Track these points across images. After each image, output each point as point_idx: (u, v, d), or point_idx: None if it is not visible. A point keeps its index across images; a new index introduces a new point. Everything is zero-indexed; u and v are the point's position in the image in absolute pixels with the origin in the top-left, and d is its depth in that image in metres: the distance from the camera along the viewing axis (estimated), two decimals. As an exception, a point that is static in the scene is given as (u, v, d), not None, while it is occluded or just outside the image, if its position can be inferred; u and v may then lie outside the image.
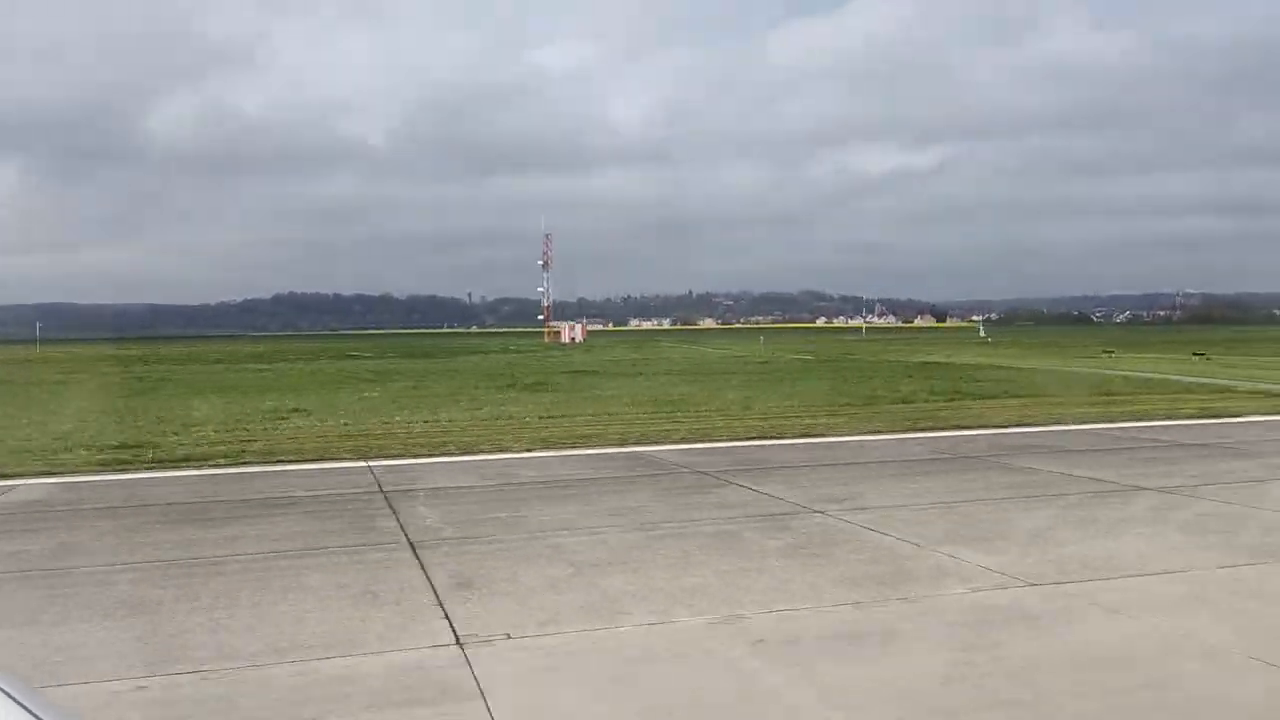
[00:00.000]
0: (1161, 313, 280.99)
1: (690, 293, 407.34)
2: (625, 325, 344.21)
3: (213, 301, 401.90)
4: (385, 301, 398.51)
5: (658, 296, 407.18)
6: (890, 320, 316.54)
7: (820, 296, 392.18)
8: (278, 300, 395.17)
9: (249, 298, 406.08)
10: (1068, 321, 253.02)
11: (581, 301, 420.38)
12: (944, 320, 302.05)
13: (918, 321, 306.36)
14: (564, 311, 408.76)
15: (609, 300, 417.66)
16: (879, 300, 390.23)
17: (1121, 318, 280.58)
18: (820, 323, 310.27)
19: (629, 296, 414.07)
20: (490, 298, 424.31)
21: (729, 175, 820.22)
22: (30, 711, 1.64)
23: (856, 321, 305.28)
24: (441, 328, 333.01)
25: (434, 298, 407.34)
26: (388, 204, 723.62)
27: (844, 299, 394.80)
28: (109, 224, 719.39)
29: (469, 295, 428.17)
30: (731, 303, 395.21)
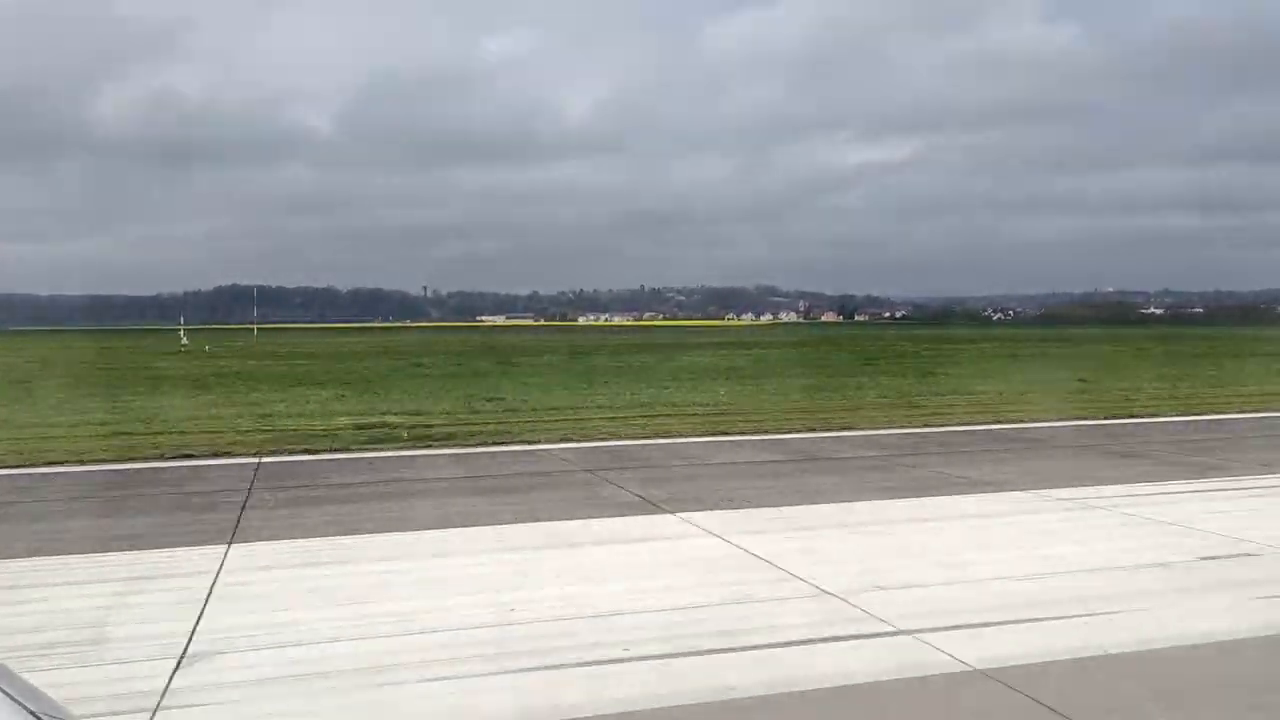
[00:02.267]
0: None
1: (642, 287, 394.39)
2: (557, 320, 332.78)
3: (152, 293, 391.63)
4: (328, 294, 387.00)
5: (609, 291, 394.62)
6: (792, 316, 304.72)
7: (774, 292, 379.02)
8: (219, 292, 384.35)
9: (191, 289, 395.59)
10: (958, 321, 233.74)
11: (534, 295, 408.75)
12: (851, 317, 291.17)
13: (825, 318, 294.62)
14: (513, 304, 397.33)
15: (562, 293, 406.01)
16: (836, 295, 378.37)
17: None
18: (727, 319, 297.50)
19: (580, 290, 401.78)
20: (443, 291, 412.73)
21: (688, 169, 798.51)
22: (22, 705, 1.64)
23: (766, 319, 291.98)
24: (370, 321, 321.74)
25: (378, 290, 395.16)
26: (337, 195, 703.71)
27: (799, 294, 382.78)
28: (51, 214, 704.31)
29: (424, 289, 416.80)
30: (683, 298, 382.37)
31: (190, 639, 6.08)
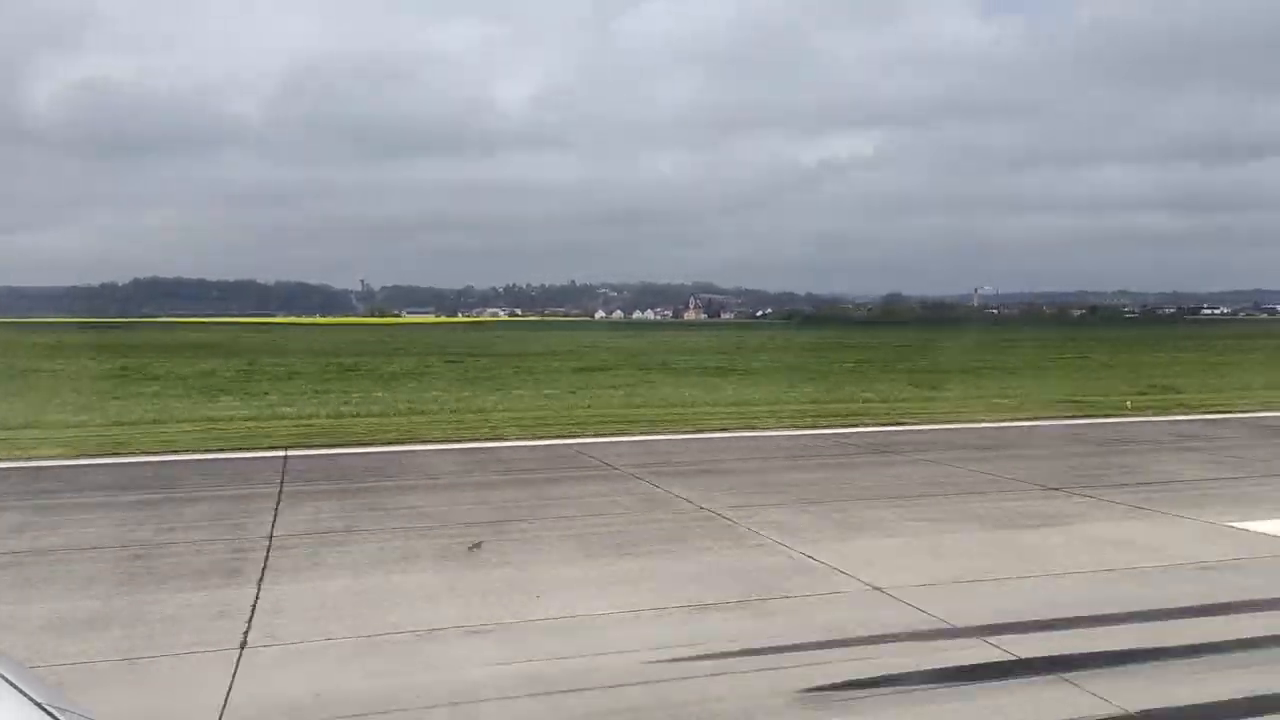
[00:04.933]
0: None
1: (573, 283, 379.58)
2: (472, 316, 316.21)
3: (66, 284, 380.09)
4: (247, 287, 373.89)
5: (542, 287, 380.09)
6: (666, 314, 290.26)
7: (711, 289, 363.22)
8: (136, 285, 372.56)
9: (106, 281, 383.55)
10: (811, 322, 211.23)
11: (467, 289, 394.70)
12: (717, 316, 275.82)
13: (688, 316, 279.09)
14: (444, 299, 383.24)
15: (492, 288, 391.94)
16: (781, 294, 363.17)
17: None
18: (599, 315, 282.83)
19: (511, 285, 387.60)
20: (375, 286, 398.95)
21: (636, 165, 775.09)
22: (24, 693, 1.61)
23: (638, 316, 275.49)
24: (276, 316, 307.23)
25: (303, 284, 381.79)
26: (266, 187, 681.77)
27: (738, 292, 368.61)
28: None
29: (361, 282, 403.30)
30: (614, 294, 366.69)
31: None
